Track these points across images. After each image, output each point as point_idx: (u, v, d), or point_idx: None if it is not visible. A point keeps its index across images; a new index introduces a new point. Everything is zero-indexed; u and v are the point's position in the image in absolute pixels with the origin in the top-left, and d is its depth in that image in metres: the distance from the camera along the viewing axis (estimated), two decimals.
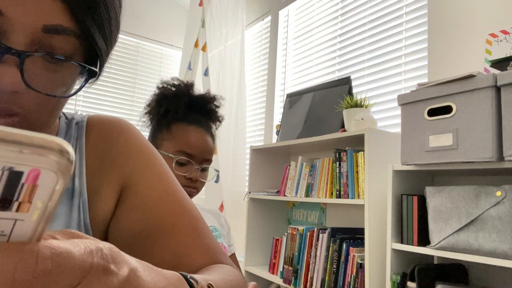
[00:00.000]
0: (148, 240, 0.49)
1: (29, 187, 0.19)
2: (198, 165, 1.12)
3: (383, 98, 2.07)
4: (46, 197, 0.20)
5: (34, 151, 0.18)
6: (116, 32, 0.45)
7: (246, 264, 2.29)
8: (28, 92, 0.38)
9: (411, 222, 1.42)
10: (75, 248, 0.22)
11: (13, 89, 0.37)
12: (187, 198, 0.55)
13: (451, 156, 1.26)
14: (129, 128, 0.56)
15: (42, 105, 0.40)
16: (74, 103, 3.22)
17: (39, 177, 0.19)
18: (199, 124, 1.14)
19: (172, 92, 1.14)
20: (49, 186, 0.20)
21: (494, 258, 1.15)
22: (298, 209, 2.41)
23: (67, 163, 0.20)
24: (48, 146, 0.19)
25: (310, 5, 2.71)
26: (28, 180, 0.19)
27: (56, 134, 0.51)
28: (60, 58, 0.39)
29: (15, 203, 0.19)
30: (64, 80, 0.42)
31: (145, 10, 3.49)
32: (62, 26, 0.38)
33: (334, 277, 1.73)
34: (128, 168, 0.52)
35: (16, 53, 0.36)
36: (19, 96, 0.38)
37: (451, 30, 1.75)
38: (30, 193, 0.19)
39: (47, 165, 0.19)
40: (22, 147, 0.18)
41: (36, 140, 0.19)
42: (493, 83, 1.18)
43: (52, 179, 0.20)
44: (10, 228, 0.20)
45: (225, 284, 0.43)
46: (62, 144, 0.20)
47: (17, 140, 0.18)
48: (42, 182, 0.19)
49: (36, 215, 0.20)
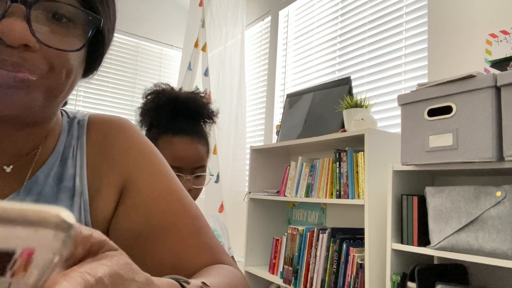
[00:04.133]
0: (149, 239, 0.49)
1: (23, 262, 0.18)
2: (190, 175, 1.08)
3: (383, 98, 2.07)
4: (43, 267, 0.19)
5: (27, 229, 0.17)
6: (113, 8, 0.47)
7: (246, 264, 2.29)
8: (39, 50, 0.39)
9: (411, 222, 1.42)
10: (75, 283, 0.21)
11: (23, 41, 0.37)
12: (188, 197, 0.55)
13: (451, 156, 1.26)
14: (130, 126, 0.56)
15: (55, 65, 0.41)
16: (74, 103, 3.22)
17: (33, 254, 0.18)
18: (185, 132, 1.08)
19: (153, 105, 1.09)
20: (45, 260, 0.19)
21: (494, 258, 1.15)
22: (298, 209, 2.41)
23: (66, 236, 0.19)
24: (44, 221, 0.18)
25: (310, 5, 2.71)
26: (22, 256, 0.18)
27: (59, 133, 0.51)
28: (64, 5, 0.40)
29: (8, 272, 0.18)
30: (70, 39, 0.42)
31: (145, 10, 3.49)
32: None
33: (334, 277, 1.73)
34: (129, 167, 0.52)
35: (23, 2, 0.37)
36: (30, 54, 0.39)
37: (451, 30, 1.75)
38: (24, 265, 0.18)
39: (42, 244, 0.18)
40: (14, 224, 0.17)
41: (31, 216, 0.17)
42: (493, 83, 1.18)
43: (48, 255, 0.19)
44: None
45: (223, 285, 0.43)
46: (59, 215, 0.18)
47: (9, 217, 0.17)
48: (37, 257, 0.18)
49: (32, 279, 0.19)
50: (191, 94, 1.14)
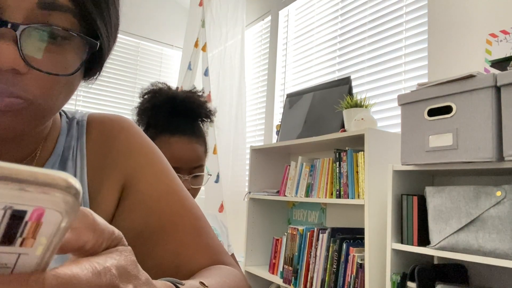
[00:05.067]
0: (149, 240, 0.49)
1: (33, 225, 0.19)
2: (188, 175, 1.08)
3: (383, 98, 2.07)
4: (51, 234, 0.20)
5: (38, 189, 0.18)
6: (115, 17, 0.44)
7: (246, 264, 2.29)
8: (30, 73, 0.37)
9: (411, 222, 1.42)
10: (82, 272, 0.22)
11: (12, 66, 0.35)
12: (189, 196, 0.55)
13: (451, 156, 1.26)
14: (130, 126, 0.55)
15: (46, 88, 0.39)
16: (74, 103, 3.22)
17: (43, 215, 0.19)
18: (183, 132, 1.08)
19: (150, 105, 1.08)
20: (54, 224, 0.19)
21: (494, 258, 1.15)
22: (298, 209, 2.41)
23: (74, 201, 0.19)
24: (53, 183, 0.18)
25: (310, 5, 2.71)
26: (32, 218, 0.18)
27: (58, 134, 0.51)
28: (57, 28, 0.38)
29: (18, 239, 0.19)
30: (63, 60, 0.40)
31: (145, 10, 3.48)
32: (58, 1, 0.37)
33: (334, 277, 1.73)
34: (129, 167, 0.52)
35: (12, 26, 0.35)
36: (21, 78, 0.37)
37: (451, 30, 1.75)
38: (34, 230, 0.19)
39: (52, 204, 0.18)
40: (25, 186, 0.17)
41: (40, 177, 0.18)
42: (493, 83, 1.18)
43: (57, 218, 0.19)
44: (14, 261, 0.19)
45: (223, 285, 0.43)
46: (68, 180, 0.19)
47: (20, 177, 0.17)
48: (46, 220, 0.19)
49: (40, 250, 0.20)
50: (189, 93, 1.14)
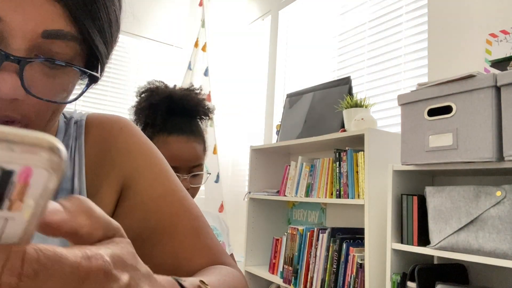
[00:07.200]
0: (148, 240, 0.49)
1: (21, 186, 0.19)
2: (187, 174, 1.07)
3: (383, 98, 2.07)
4: (38, 195, 0.20)
5: (25, 149, 0.18)
6: (116, 34, 0.44)
7: (246, 264, 2.29)
8: (28, 99, 0.38)
9: (411, 222, 1.42)
10: (69, 253, 0.21)
11: (13, 96, 0.36)
12: (188, 197, 0.55)
13: (451, 156, 1.26)
14: (129, 126, 0.55)
15: (42, 112, 0.40)
16: (74, 103, 3.22)
17: (31, 175, 0.19)
18: (181, 131, 1.06)
19: (147, 104, 1.07)
20: (41, 184, 0.20)
21: (494, 258, 1.15)
22: (298, 209, 2.41)
23: (59, 160, 0.20)
24: (39, 144, 0.19)
25: (310, 5, 2.71)
26: (20, 178, 0.19)
27: (55, 134, 0.50)
28: (60, 63, 0.38)
29: (6, 202, 0.19)
30: (64, 86, 0.41)
31: (145, 10, 3.48)
32: (63, 31, 0.37)
33: (334, 277, 1.73)
34: (128, 168, 0.51)
35: (16, 59, 0.36)
36: (19, 104, 0.38)
37: (451, 30, 1.75)
38: (21, 192, 0.19)
39: (39, 163, 0.19)
40: (13, 146, 0.18)
41: (27, 138, 0.18)
42: (493, 83, 1.18)
43: (44, 177, 0.19)
44: (1, 228, 0.20)
45: (222, 285, 0.43)
46: (52, 141, 0.19)
47: (8, 139, 0.18)
48: (34, 180, 0.19)
49: (28, 214, 0.20)
50: (186, 91, 1.12)
